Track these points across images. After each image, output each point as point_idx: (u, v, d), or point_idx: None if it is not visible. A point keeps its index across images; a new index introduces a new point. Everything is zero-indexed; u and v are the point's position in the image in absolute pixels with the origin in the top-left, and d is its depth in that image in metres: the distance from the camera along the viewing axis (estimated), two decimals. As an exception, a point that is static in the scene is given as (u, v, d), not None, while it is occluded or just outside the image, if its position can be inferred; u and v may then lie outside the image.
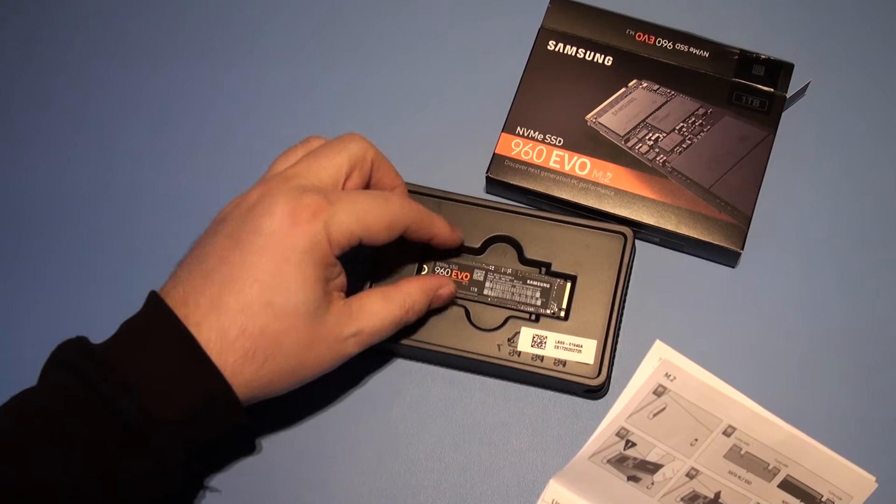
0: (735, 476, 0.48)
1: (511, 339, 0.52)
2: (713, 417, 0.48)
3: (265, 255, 0.44)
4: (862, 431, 0.52)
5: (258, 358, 0.44)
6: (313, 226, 0.44)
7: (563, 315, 0.52)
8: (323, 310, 0.45)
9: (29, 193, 0.59)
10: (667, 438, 0.48)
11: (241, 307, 0.44)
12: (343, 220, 0.45)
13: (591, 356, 0.51)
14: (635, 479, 0.48)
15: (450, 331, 0.52)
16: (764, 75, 0.57)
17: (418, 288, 0.50)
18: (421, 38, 0.61)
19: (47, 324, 0.55)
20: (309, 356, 0.46)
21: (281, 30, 0.62)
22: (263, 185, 0.47)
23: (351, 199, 0.46)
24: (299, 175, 0.47)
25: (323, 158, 0.48)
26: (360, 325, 0.47)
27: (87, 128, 0.60)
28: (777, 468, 0.47)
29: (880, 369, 0.53)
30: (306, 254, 0.44)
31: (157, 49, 0.62)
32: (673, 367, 0.48)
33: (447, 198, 0.54)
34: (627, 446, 0.48)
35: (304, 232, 0.44)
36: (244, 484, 0.51)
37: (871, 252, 0.56)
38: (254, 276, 0.44)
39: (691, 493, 0.48)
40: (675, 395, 0.48)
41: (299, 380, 0.47)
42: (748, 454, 0.48)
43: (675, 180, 0.55)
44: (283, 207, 0.44)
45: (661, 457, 0.48)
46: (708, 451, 0.48)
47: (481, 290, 0.53)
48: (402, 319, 0.49)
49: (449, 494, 0.51)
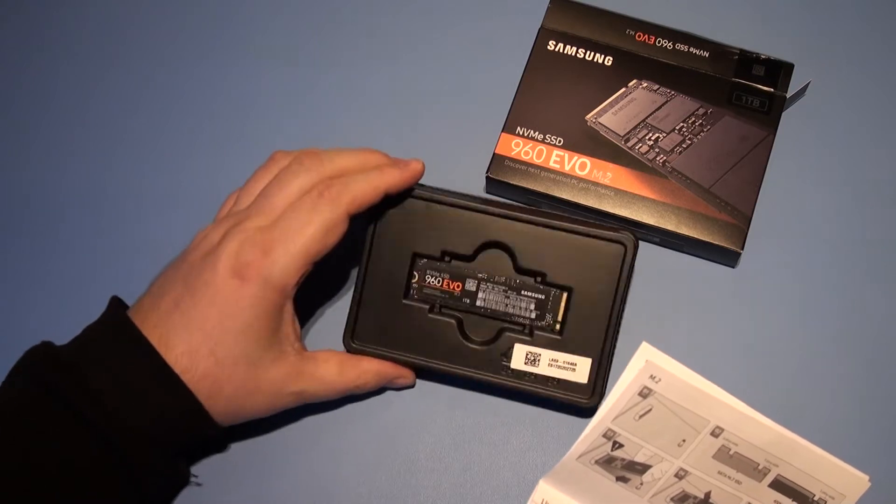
0: (725, 476, 0.48)
1: (504, 355, 0.51)
2: (700, 418, 0.48)
3: (212, 307, 0.45)
4: (858, 432, 0.52)
5: (201, 395, 0.46)
6: (254, 284, 0.46)
7: (559, 329, 0.51)
8: (268, 361, 0.47)
9: (29, 193, 0.59)
10: (654, 439, 0.48)
11: (188, 350, 0.45)
12: (282, 265, 0.46)
13: (585, 376, 0.50)
14: (624, 479, 0.48)
15: (441, 345, 0.51)
16: (764, 75, 0.57)
17: (376, 373, 0.51)
18: (421, 37, 0.61)
19: (47, 325, 0.55)
20: (247, 402, 0.47)
21: (281, 30, 0.62)
22: (220, 228, 0.48)
23: (289, 238, 0.46)
24: (250, 217, 0.47)
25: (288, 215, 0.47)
26: (304, 387, 0.49)
27: (87, 128, 0.60)
28: (767, 468, 0.47)
29: (879, 369, 0.53)
30: (249, 308, 0.46)
31: (157, 49, 0.62)
32: (657, 369, 0.48)
33: (435, 200, 0.51)
34: (615, 447, 0.48)
35: (246, 290, 0.46)
36: (243, 484, 0.51)
37: (870, 252, 0.56)
38: (200, 325, 0.45)
39: (681, 493, 0.48)
40: (661, 397, 0.48)
41: (239, 420, 0.48)
42: (737, 454, 0.47)
43: (675, 180, 0.55)
44: (224, 264, 0.46)
45: (648, 458, 0.48)
46: (696, 452, 0.48)
47: (473, 300, 0.51)
48: (348, 393, 0.51)
49: (449, 494, 0.51)
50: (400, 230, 0.51)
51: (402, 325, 0.51)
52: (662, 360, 0.51)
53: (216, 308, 0.45)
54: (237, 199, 0.50)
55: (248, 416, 0.48)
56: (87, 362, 0.45)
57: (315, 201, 0.47)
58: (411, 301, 0.51)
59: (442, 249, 0.51)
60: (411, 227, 0.51)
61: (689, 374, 0.51)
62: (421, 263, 0.51)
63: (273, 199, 0.47)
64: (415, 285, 0.51)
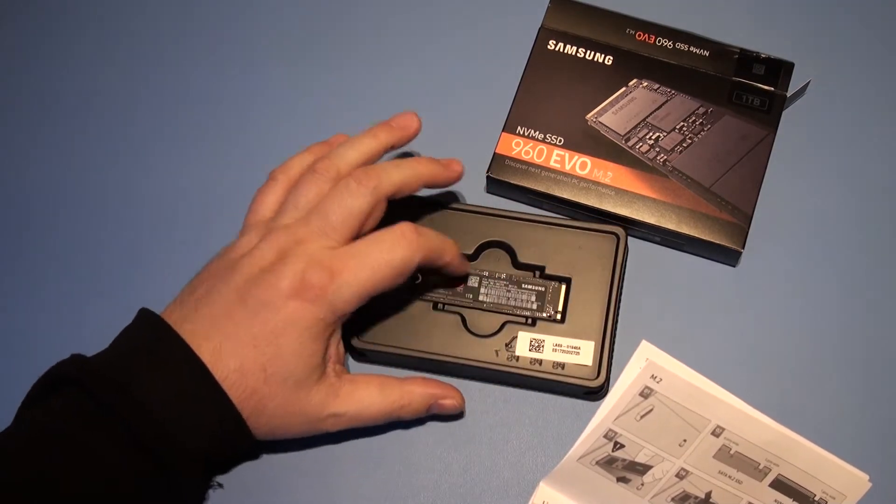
0: (725, 476, 0.47)
1: (508, 345, 0.52)
2: (701, 418, 0.47)
3: (268, 324, 0.45)
4: (858, 431, 0.52)
5: (245, 412, 0.45)
6: (316, 306, 0.45)
7: (560, 318, 0.52)
8: (312, 381, 0.47)
9: (28, 193, 0.59)
10: (655, 440, 0.48)
11: (239, 365, 0.45)
12: (347, 293, 0.46)
13: (590, 358, 0.51)
14: (625, 480, 0.48)
15: (446, 339, 0.52)
16: (764, 74, 0.57)
17: (422, 392, 0.50)
18: (421, 38, 0.61)
19: (47, 326, 0.55)
20: (285, 422, 0.47)
21: (282, 31, 0.62)
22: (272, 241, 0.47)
23: (358, 264, 0.46)
24: (313, 236, 0.47)
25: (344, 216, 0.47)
26: (345, 409, 0.48)
27: (88, 128, 0.60)
28: (768, 468, 0.47)
29: (879, 369, 0.53)
30: (306, 330, 0.45)
31: (157, 48, 0.62)
32: (658, 369, 0.48)
33: (436, 204, 0.54)
34: (616, 448, 0.48)
35: (307, 311, 0.45)
36: (244, 484, 0.51)
37: (871, 250, 0.55)
38: (254, 340, 0.45)
39: (682, 493, 0.48)
40: (662, 397, 0.47)
41: (274, 437, 0.48)
42: (738, 454, 0.47)
43: (675, 179, 0.55)
44: (288, 283, 0.45)
45: (650, 458, 0.48)
46: (697, 452, 0.47)
47: (476, 296, 0.53)
48: (392, 417, 0.50)
49: (449, 494, 0.51)
50: None
51: (406, 322, 0.52)
52: (663, 360, 0.51)
53: (272, 326, 0.45)
54: (283, 209, 0.49)
55: (285, 435, 0.48)
56: (137, 383, 0.43)
57: (397, 241, 0.47)
58: (415, 300, 0.52)
59: None
60: None
61: (690, 373, 0.51)
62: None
63: (331, 217, 0.47)
64: (418, 285, 0.53)
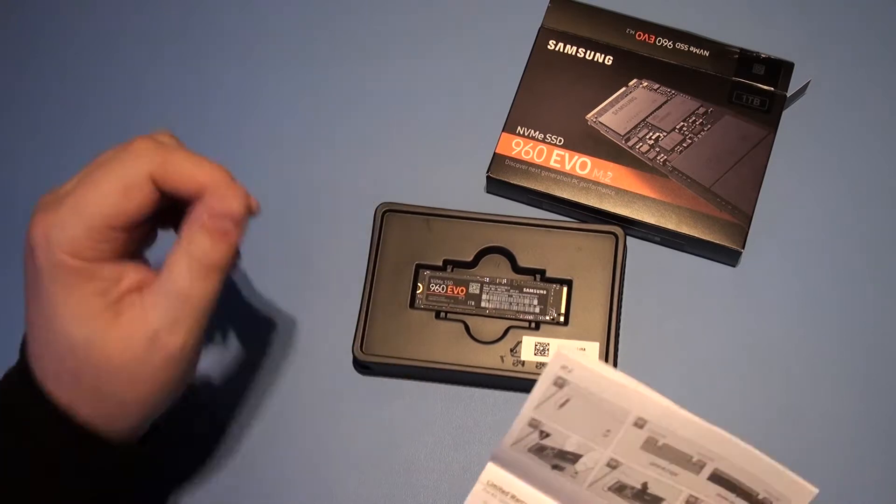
0: (658, 467, 0.47)
1: (513, 350, 0.52)
2: (620, 409, 0.46)
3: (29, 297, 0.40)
4: (860, 430, 0.52)
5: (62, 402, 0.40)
6: (40, 255, 0.39)
7: (563, 320, 0.52)
8: (102, 326, 0.39)
9: (29, 194, 0.59)
10: (578, 429, 0.47)
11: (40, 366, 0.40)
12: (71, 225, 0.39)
13: (595, 359, 0.51)
14: (559, 468, 0.48)
15: (451, 347, 0.52)
16: (764, 74, 0.57)
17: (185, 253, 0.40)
18: (421, 38, 0.61)
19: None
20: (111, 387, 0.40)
21: (281, 31, 0.62)
22: None
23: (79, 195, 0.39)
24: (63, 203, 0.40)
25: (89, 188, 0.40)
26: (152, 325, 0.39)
27: (87, 128, 0.60)
28: (702, 461, 0.46)
29: (880, 367, 0.53)
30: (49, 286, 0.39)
31: (157, 49, 0.62)
32: (568, 360, 0.46)
33: (433, 214, 0.54)
34: (542, 436, 0.47)
35: (35, 265, 0.39)
36: (244, 484, 0.51)
37: (870, 250, 0.55)
38: (31, 326, 0.41)
39: (617, 483, 0.47)
40: (576, 387, 0.46)
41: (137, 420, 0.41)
42: (667, 446, 0.46)
43: (675, 179, 0.55)
44: (27, 244, 0.40)
45: (577, 447, 0.47)
46: (623, 443, 0.47)
47: (478, 303, 0.53)
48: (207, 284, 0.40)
49: (449, 494, 0.51)
50: (401, 245, 0.53)
51: (410, 332, 0.52)
52: (574, 352, 0.49)
53: (29, 296, 0.40)
54: None
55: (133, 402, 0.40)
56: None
57: (115, 153, 0.40)
58: (417, 309, 0.53)
59: (444, 259, 0.53)
60: (412, 241, 0.53)
61: (605, 367, 0.48)
62: (424, 274, 0.53)
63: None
64: (420, 295, 0.53)
